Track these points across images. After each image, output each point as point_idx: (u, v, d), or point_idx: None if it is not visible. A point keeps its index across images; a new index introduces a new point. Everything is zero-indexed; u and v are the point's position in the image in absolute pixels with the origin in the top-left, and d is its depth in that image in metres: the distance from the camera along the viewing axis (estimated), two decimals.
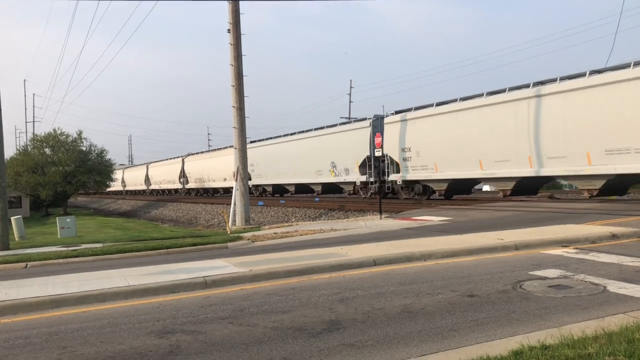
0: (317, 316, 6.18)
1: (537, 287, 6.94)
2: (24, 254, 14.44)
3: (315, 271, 8.84)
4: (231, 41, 22.69)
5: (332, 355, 4.89)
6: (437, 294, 6.88)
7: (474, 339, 5.06)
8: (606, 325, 5.01)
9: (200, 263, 10.25)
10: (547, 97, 20.04)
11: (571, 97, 19.19)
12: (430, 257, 9.61)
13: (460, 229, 13.90)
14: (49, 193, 46.12)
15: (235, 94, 22.97)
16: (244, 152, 23.65)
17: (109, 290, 7.90)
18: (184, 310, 6.85)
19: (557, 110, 19.65)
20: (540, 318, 5.62)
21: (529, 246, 10.14)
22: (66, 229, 23.83)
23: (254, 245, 14.56)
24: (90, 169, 48.46)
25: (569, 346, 4.43)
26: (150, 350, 5.31)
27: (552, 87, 20.05)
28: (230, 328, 5.93)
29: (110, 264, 11.67)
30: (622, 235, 10.87)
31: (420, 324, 5.66)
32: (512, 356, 4.31)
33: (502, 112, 21.97)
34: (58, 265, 12.48)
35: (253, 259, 10.25)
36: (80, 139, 50.18)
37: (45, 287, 8.36)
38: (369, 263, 9.27)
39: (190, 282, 8.24)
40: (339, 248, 10.95)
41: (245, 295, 7.52)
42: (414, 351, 4.84)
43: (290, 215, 28.45)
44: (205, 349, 5.25)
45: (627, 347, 4.29)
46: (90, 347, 5.49)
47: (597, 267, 8.05)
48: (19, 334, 6.16)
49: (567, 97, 19.32)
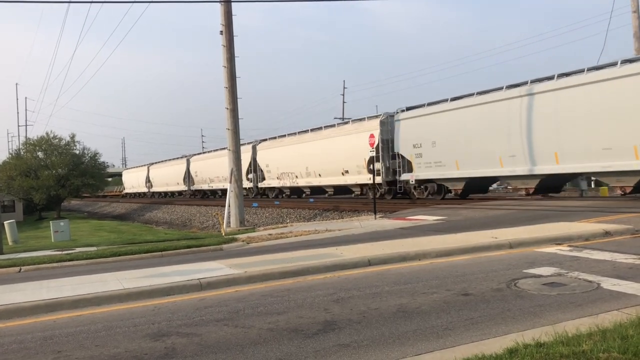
0: (313, 317, 6.18)
1: (531, 285, 6.97)
2: (18, 258, 14.36)
3: (311, 272, 8.84)
4: (224, 43, 22.66)
5: (328, 355, 4.89)
6: (432, 293, 6.90)
7: (469, 337, 5.08)
8: (600, 322, 5.04)
9: (195, 265, 10.23)
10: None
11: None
12: (425, 256, 9.63)
13: (455, 228, 13.94)
14: (42, 197, 45.89)
15: (229, 96, 22.94)
16: (238, 154, 23.62)
17: (104, 294, 7.87)
18: (179, 312, 6.83)
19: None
20: (535, 316, 5.64)
21: (523, 244, 10.18)
22: (60, 233, 23.72)
23: (249, 247, 14.54)
24: (84, 172, 48.27)
25: (563, 343, 4.45)
26: (145, 353, 5.30)
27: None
28: (226, 330, 5.92)
29: (104, 267, 11.63)
30: (615, 232, 10.92)
31: (415, 323, 5.68)
32: (507, 354, 4.32)
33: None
34: (52, 269, 12.41)
35: (248, 260, 10.23)
36: (73, 142, 50.05)
37: (39, 292, 8.32)
38: (364, 263, 9.28)
39: (185, 285, 8.22)
40: (333, 248, 10.95)
41: (241, 297, 7.51)
42: (410, 350, 4.85)
43: (285, 217, 28.44)
44: (201, 351, 5.24)
45: (621, 343, 4.31)
46: (86, 351, 5.47)
47: (591, 264, 8.10)
48: (13, 339, 6.13)
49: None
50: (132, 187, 75.48)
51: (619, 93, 17.78)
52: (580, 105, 19.02)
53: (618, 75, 17.90)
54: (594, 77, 18.75)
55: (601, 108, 18.31)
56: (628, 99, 17.46)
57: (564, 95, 19.63)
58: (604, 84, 18.32)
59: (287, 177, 38.93)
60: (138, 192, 73.33)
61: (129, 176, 78.02)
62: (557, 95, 19.87)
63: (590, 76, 18.92)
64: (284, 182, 39.57)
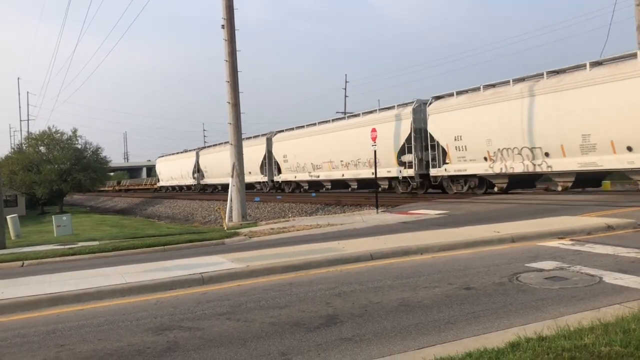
0: (315, 311, 6.18)
1: (533, 279, 6.97)
2: (21, 253, 14.39)
3: (313, 266, 8.84)
4: (225, 37, 22.62)
5: (330, 349, 4.90)
6: (434, 287, 6.90)
7: (471, 331, 5.08)
8: (602, 315, 5.03)
9: (197, 259, 10.24)
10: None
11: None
12: (427, 250, 9.62)
13: (457, 222, 13.94)
14: (44, 191, 46.07)
15: (231, 90, 22.91)
16: (240, 148, 23.62)
17: (106, 288, 7.89)
18: (181, 306, 6.84)
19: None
20: (537, 310, 5.64)
21: (525, 238, 10.17)
22: (62, 227, 23.81)
23: (251, 241, 14.55)
24: (86, 167, 48.39)
25: (565, 337, 4.45)
26: (148, 347, 5.31)
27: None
28: (228, 324, 5.93)
29: (106, 262, 11.65)
30: (617, 226, 10.91)
31: (417, 317, 5.68)
32: (509, 348, 4.32)
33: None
34: (54, 264, 12.44)
35: (250, 254, 10.25)
36: (75, 136, 50.21)
37: (42, 286, 8.34)
38: (366, 257, 9.28)
39: (187, 279, 8.23)
40: (335, 243, 10.95)
41: (243, 291, 7.52)
42: (412, 344, 4.86)
43: (287, 211, 28.47)
44: (203, 345, 5.25)
45: (623, 337, 4.31)
46: (88, 345, 5.49)
47: (593, 258, 8.09)
48: (16, 333, 6.15)
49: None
50: (172, 178, 61.66)
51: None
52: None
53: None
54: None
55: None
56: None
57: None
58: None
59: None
60: (180, 184, 60.04)
61: (166, 165, 63.55)
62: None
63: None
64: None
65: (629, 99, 17.79)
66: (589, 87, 19.10)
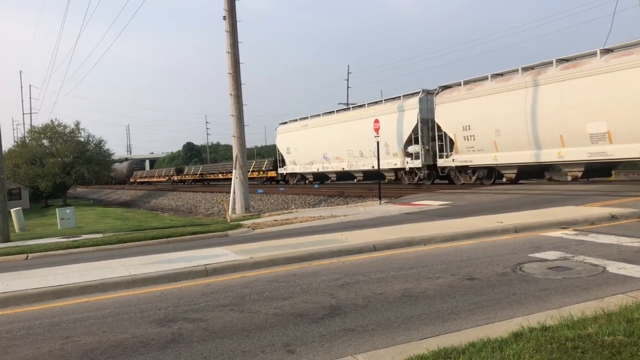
0: (318, 302, 6.20)
1: (536, 269, 6.96)
2: (25, 246, 14.47)
3: (316, 257, 8.86)
4: (227, 28, 22.53)
5: (334, 340, 4.92)
6: (437, 278, 6.90)
7: (475, 321, 5.09)
8: (605, 305, 5.03)
9: (201, 251, 10.27)
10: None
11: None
12: (430, 241, 9.63)
13: (460, 212, 13.92)
14: (48, 184, 46.20)
15: (232, 82, 22.85)
16: (243, 140, 23.58)
17: (110, 280, 7.92)
18: (185, 298, 6.87)
19: None
20: (540, 300, 5.64)
21: (529, 229, 10.16)
22: (66, 220, 23.91)
23: (254, 233, 14.58)
24: (89, 160, 48.47)
25: (568, 327, 4.45)
26: (152, 338, 5.34)
27: None
28: (232, 315, 5.95)
29: (111, 254, 11.69)
30: (621, 216, 10.88)
31: (420, 307, 5.69)
32: (513, 338, 4.33)
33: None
34: (59, 256, 12.50)
35: (253, 246, 10.27)
36: (78, 129, 50.28)
37: (46, 278, 8.38)
38: (369, 248, 9.29)
39: (191, 271, 8.26)
40: (339, 234, 10.96)
41: (246, 283, 7.55)
42: (415, 335, 4.87)
43: (290, 203, 28.50)
44: (207, 337, 5.27)
45: (627, 326, 4.31)
46: (93, 337, 5.52)
47: (597, 248, 8.08)
48: (21, 325, 6.19)
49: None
50: (312, 161, 36.42)
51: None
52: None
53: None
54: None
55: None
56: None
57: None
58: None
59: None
60: (312, 171, 36.73)
61: (290, 139, 38.61)
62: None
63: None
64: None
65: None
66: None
